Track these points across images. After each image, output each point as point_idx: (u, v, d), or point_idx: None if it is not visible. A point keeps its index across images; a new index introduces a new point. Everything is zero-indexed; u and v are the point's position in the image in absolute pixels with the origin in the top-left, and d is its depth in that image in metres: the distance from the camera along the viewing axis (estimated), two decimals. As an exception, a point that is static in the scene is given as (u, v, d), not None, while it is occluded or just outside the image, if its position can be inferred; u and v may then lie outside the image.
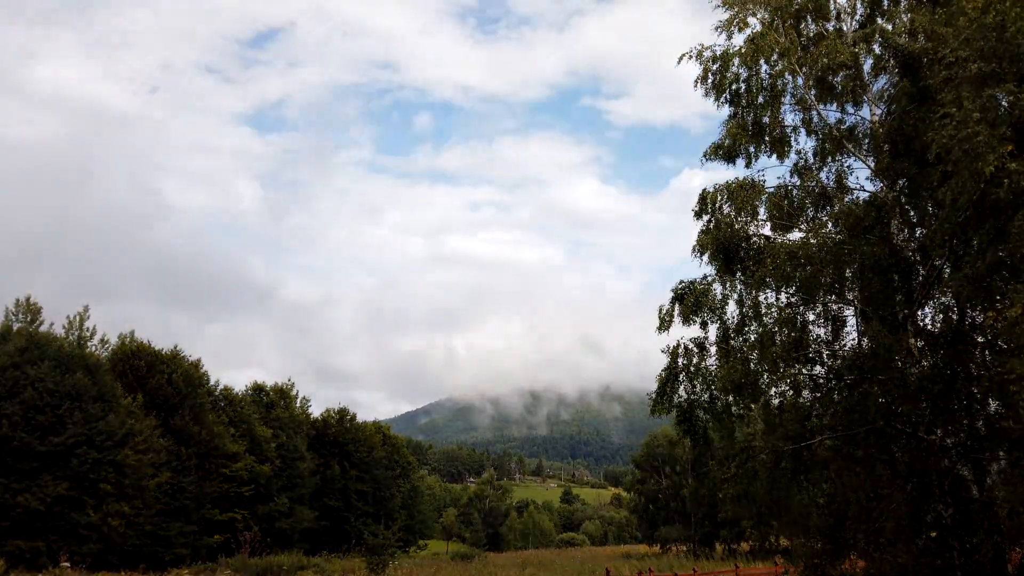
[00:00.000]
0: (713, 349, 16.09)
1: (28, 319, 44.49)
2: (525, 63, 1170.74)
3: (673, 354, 16.22)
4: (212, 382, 54.39)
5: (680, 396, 16.11)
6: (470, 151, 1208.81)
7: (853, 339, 15.28)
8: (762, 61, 15.83)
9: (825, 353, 15.35)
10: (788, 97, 16.39)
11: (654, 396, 16.30)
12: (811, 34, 16.80)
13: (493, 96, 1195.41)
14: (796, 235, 15.71)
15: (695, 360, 16.11)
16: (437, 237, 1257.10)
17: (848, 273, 14.57)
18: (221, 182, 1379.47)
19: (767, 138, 16.79)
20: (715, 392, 15.82)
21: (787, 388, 15.75)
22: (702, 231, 16.42)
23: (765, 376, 15.33)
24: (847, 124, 16.68)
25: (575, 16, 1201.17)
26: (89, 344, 47.57)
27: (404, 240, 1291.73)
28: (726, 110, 16.68)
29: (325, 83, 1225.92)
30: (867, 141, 16.15)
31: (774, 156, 16.94)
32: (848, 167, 16.39)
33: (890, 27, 15.53)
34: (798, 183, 16.63)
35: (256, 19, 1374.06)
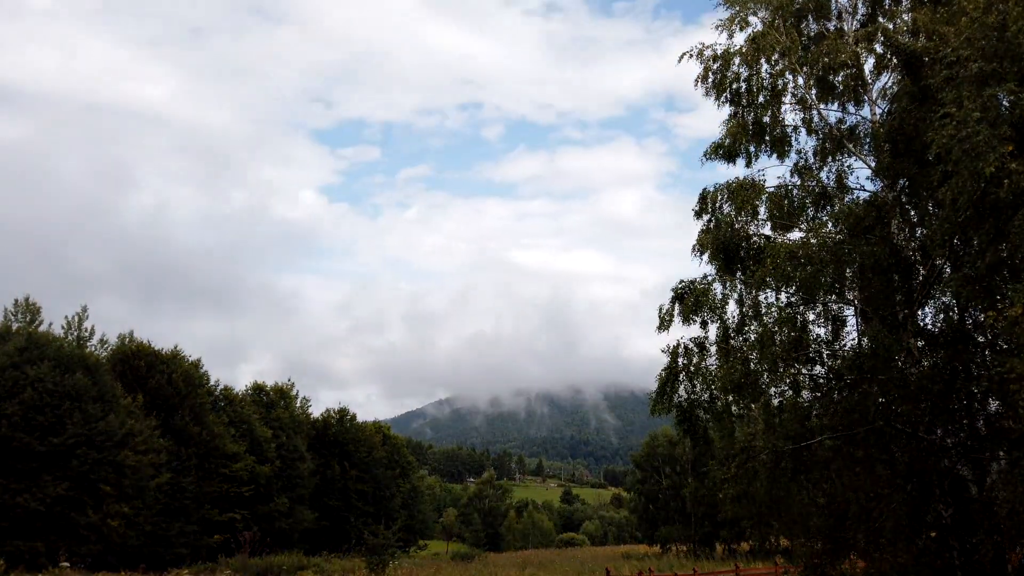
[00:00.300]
0: (713, 349, 16.04)
1: (28, 319, 44.53)
2: (605, 82, 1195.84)
3: (673, 354, 16.19)
4: (212, 382, 54.50)
5: (680, 396, 16.06)
6: (533, 163, 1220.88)
7: (853, 339, 15.25)
8: (763, 60, 15.78)
9: (825, 353, 15.30)
10: (788, 96, 16.34)
11: (654, 396, 16.28)
12: (812, 33, 16.78)
13: (567, 113, 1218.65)
14: (796, 235, 15.67)
15: (695, 360, 16.06)
16: (480, 244, 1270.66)
17: (848, 273, 14.54)
18: (288, 193, 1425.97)
19: (767, 138, 16.75)
20: (715, 392, 15.78)
21: (787, 388, 15.70)
22: (702, 231, 16.39)
23: (765, 376, 15.28)
24: (848, 124, 16.65)
25: (660, 40, 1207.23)
26: (88, 344, 47.61)
27: (448, 246, 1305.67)
28: (726, 109, 16.66)
29: (406, 102, 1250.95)
30: (868, 141, 16.12)
31: (774, 156, 16.90)
32: (848, 167, 16.38)
33: (892, 26, 15.47)
34: (798, 183, 16.59)
35: (354, 44, 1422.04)
